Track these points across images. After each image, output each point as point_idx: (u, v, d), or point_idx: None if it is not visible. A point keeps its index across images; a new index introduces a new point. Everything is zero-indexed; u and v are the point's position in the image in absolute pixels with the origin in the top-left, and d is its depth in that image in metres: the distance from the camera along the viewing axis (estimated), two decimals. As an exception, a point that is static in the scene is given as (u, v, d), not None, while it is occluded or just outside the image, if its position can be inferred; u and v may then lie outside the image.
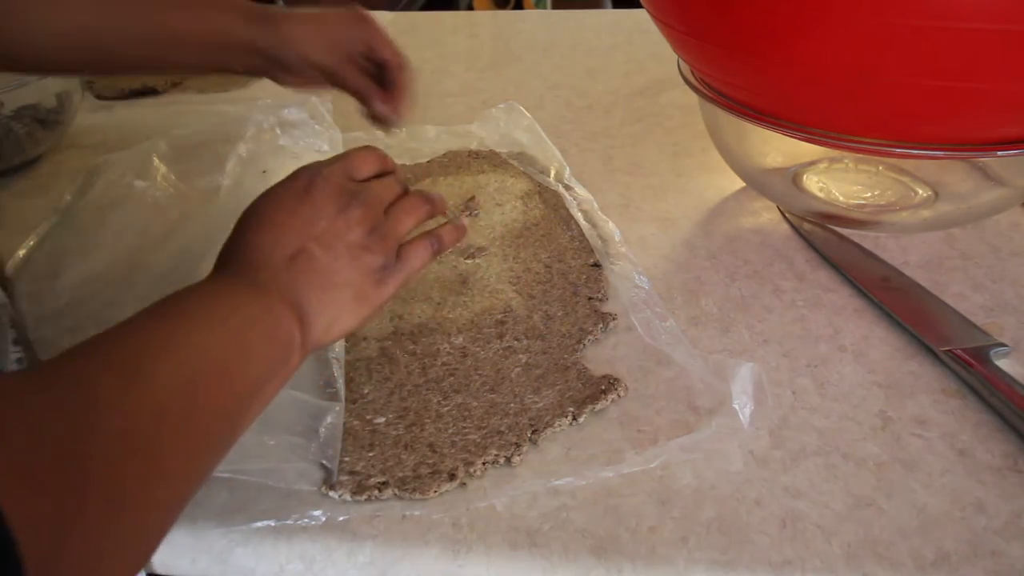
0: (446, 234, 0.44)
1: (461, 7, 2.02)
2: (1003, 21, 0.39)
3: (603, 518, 0.38)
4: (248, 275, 0.36)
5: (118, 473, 0.25)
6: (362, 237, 0.40)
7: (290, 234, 0.38)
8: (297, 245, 0.38)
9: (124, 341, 0.30)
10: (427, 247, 0.43)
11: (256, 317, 0.34)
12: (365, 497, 0.38)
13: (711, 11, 0.48)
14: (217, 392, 0.31)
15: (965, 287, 0.52)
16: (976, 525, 0.37)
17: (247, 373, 0.33)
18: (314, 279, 0.37)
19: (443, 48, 0.98)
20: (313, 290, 0.37)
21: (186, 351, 0.30)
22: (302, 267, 0.37)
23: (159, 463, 0.27)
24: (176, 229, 0.62)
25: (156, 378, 0.28)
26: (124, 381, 0.27)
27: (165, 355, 0.29)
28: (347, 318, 0.38)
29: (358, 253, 0.39)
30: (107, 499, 0.24)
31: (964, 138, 0.48)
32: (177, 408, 0.28)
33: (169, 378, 0.29)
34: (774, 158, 0.62)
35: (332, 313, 0.38)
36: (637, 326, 0.48)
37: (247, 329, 0.34)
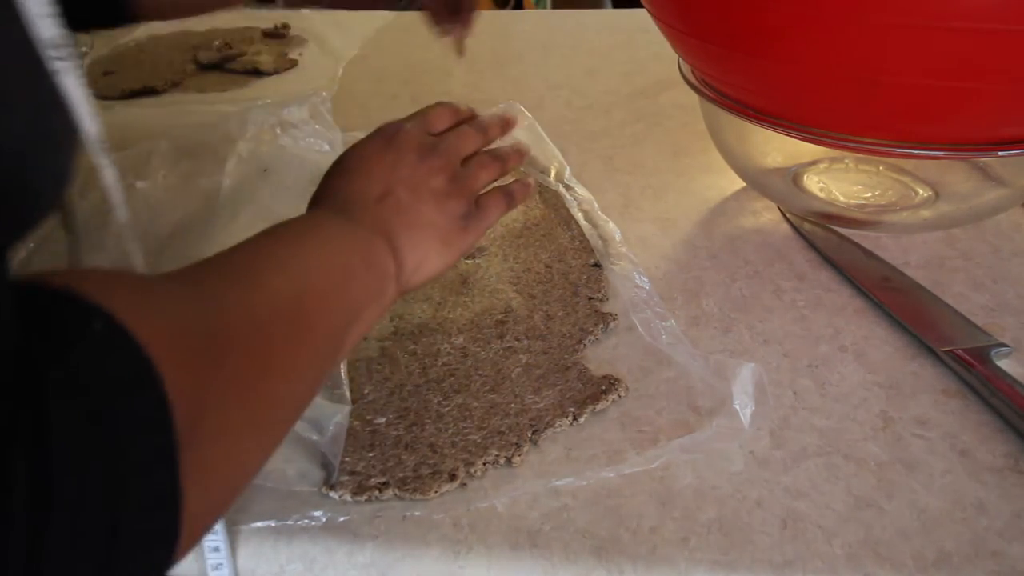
0: (518, 190, 0.46)
1: (461, 7, 2.02)
2: (1003, 21, 0.39)
3: (604, 518, 0.38)
4: (342, 211, 0.38)
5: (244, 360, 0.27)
6: (444, 184, 0.42)
7: (377, 178, 0.40)
8: (384, 187, 0.40)
9: (241, 257, 0.32)
10: (501, 200, 0.44)
11: (354, 244, 0.37)
12: (365, 497, 0.38)
13: (711, 11, 0.48)
14: (323, 306, 0.33)
15: (966, 287, 0.52)
16: (977, 525, 0.37)
17: (349, 293, 0.35)
18: (403, 218, 0.39)
19: (443, 48, 0.98)
20: (403, 228, 0.39)
21: (295, 266, 0.33)
22: (391, 207, 0.39)
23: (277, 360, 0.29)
24: (177, 229, 0.62)
25: (272, 287, 0.30)
26: (245, 286, 0.30)
27: (279, 269, 0.32)
28: (434, 259, 0.40)
29: (441, 198, 0.41)
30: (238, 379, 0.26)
31: (964, 138, 0.48)
32: (291, 313, 0.30)
33: (283, 287, 0.31)
34: (774, 158, 0.62)
35: (420, 252, 0.39)
36: (637, 326, 0.48)
37: (348, 253, 0.36)
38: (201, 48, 0.97)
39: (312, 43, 1.00)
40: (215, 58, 0.94)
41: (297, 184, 0.66)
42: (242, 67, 0.92)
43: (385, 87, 0.87)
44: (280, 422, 0.30)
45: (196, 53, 0.96)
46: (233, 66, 0.93)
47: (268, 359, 0.28)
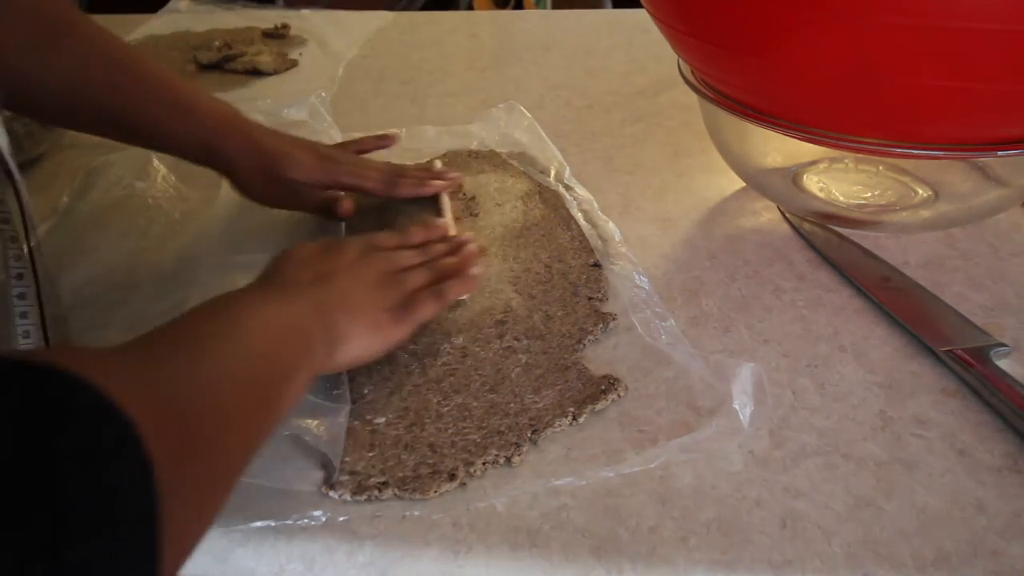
0: (451, 289, 0.47)
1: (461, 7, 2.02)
2: (1003, 21, 0.39)
3: (603, 518, 0.38)
4: (280, 291, 0.41)
5: (202, 421, 0.30)
6: (379, 276, 0.45)
7: (315, 265, 0.43)
8: (322, 271, 0.43)
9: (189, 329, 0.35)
10: (435, 299, 0.46)
11: (290, 315, 0.39)
12: (365, 497, 0.38)
13: (711, 11, 0.48)
14: (262, 370, 0.35)
15: (965, 287, 0.52)
16: (976, 525, 0.37)
17: (282, 359, 0.37)
18: (336, 300, 0.42)
19: (443, 48, 0.98)
20: (334, 308, 0.41)
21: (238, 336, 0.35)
22: (326, 289, 0.42)
23: (227, 419, 0.32)
24: (177, 230, 0.62)
25: (220, 355, 0.33)
26: (196, 355, 0.32)
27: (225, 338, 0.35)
28: (363, 342, 0.42)
29: (376, 287, 0.44)
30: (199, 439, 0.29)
31: (964, 138, 0.48)
32: (237, 377, 0.33)
33: (229, 354, 0.34)
34: (774, 158, 0.62)
35: (349, 333, 0.41)
36: (637, 326, 0.48)
37: (284, 324, 0.38)
38: (201, 48, 0.97)
39: (312, 43, 1.01)
40: (215, 58, 0.94)
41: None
42: (242, 67, 0.92)
43: (385, 87, 0.87)
44: (232, 474, 0.32)
45: (196, 53, 0.96)
46: (233, 66, 0.93)
47: (220, 419, 0.31)
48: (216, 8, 1.13)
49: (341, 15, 1.09)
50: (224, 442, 0.31)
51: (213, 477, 0.30)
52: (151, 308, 0.53)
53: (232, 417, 0.32)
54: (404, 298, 0.45)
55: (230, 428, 0.32)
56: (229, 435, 0.32)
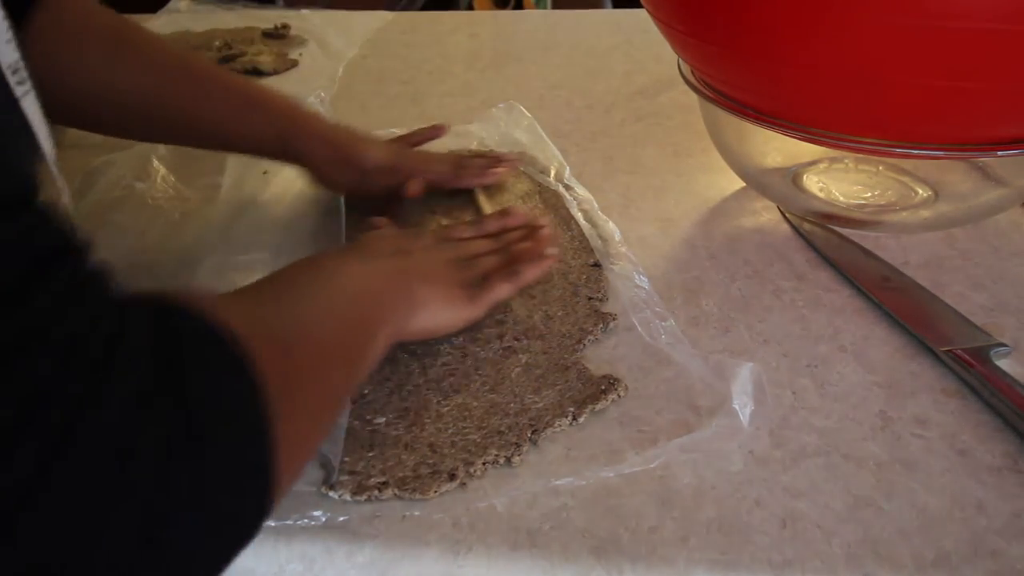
0: (526, 271, 0.49)
1: (461, 7, 2.02)
2: (1003, 21, 0.39)
3: (603, 518, 0.38)
4: (362, 253, 0.44)
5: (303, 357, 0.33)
6: (455, 257, 0.48)
7: (394, 243, 0.46)
8: (401, 247, 0.46)
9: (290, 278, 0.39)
10: (510, 280, 0.48)
11: (375, 275, 0.42)
12: (365, 497, 0.38)
13: (711, 11, 0.48)
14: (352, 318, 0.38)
15: (965, 287, 0.52)
16: (976, 525, 0.37)
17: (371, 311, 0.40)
18: (414, 268, 0.44)
19: (443, 48, 0.98)
20: (413, 276, 0.44)
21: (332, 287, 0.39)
22: (406, 261, 0.44)
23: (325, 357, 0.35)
24: (177, 230, 0.62)
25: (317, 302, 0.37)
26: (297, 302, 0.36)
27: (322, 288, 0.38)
28: (437, 314, 0.44)
29: (452, 266, 0.47)
30: (301, 370, 0.32)
31: (964, 138, 0.48)
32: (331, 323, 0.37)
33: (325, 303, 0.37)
34: (774, 158, 0.62)
35: (426, 301, 0.43)
36: (637, 326, 0.48)
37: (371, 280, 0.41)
38: (201, 48, 0.97)
39: (312, 43, 1.00)
40: (215, 58, 0.94)
41: (297, 185, 0.66)
42: (242, 67, 0.92)
43: (385, 87, 0.87)
44: (330, 408, 0.35)
45: (196, 53, 0.96)
46: (233, 66, 0.93)
47: (319, 355, 0.34)
48: (216, 8, 1.13)
49: (341, 15, 1.09)
50: (323, 376, 0.34)
51: (315, 407, 0.33)
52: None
53: (331, 352, 0.35)
54: (478, 278, 0.47)
55: (328, 365, 0.35)
56: (327, 371, 0.35)
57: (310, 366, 0.33)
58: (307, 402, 0.32)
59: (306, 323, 0.35)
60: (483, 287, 0.46)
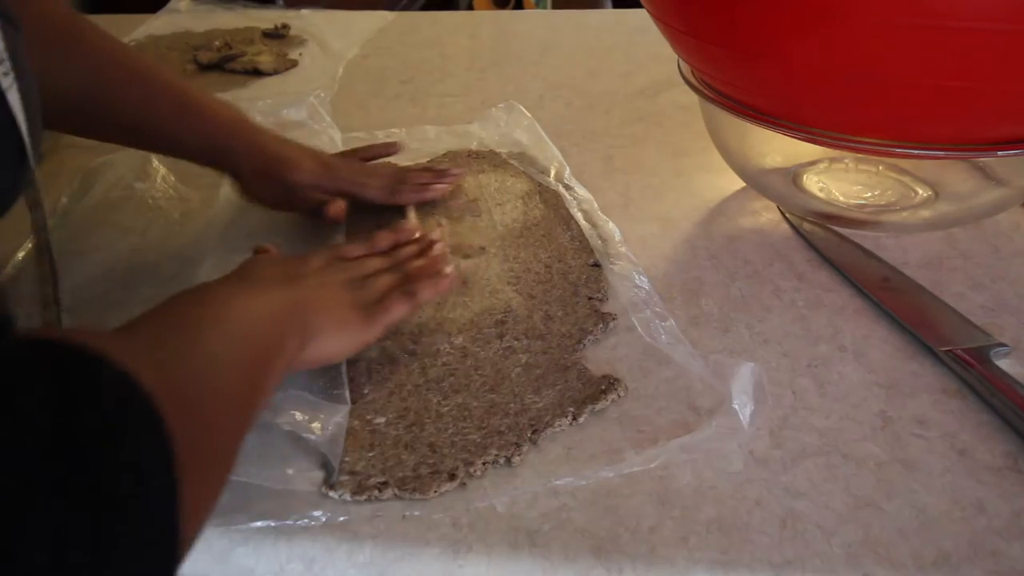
0: (422, 289, 0.47)
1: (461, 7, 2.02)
2: (1003, 21, 0.39)
3: (603, 518, 0.38)
4: (250, 283, 0.41)
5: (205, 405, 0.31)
6: (348, 279, 0.46)
7: (283, 268, 0.44)
8: (289, 273, 0.44)
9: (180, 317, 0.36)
10: (405, 299, 0.46)
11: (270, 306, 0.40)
12: (365, 497, 0.38)
13: (711, 11, 0.48)
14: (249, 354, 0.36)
15: (965, 287, 0.52)
16: (976, 525, 0.37)
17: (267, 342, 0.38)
18: (304, 295, 0.42)
19: (443, 48, 0.98)
20: (303, 304, 0.41)
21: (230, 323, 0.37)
22: (293, 286, 0.42)
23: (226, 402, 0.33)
24: (176, 230, 0.62)
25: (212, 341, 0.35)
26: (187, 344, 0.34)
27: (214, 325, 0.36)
28: (332, 340, 0.42)
29: (345, 289, 0.45)
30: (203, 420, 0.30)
31: (964, 138, 0.48)
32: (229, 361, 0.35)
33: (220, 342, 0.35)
34: (774, 158, 0.62)
35: (319, 329, 0.42)
36: (637, 326, 0.48)
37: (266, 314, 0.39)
38: (201, 48, 0.97)
39: (312, 43, 1.01)
40: (215, 58, 0.94)
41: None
42: (242, 67, 0.92)
43: (385, 87, 0.87)
44: (231, 455, 0.33)
45: (196, 53, 0.96)
46: (233, 66, 0.93)
47: (219, 399, 0.33)
48: (216, 8, 1.13)
49: (341, 15, 1.09)
50: (224, 421, 0.33)
51: (217, 456, 0.31)
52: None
53: (228, 398, 0.33)
54: (373, 299, 0.45)
55: (227, 408, 0.33)
56: (227, 415, 0.33)
57: (209, 410, 0.32)
58: (211, 456, 0.31)
59: (202, 371, 0.33)
60: (378, 307, 0.45)
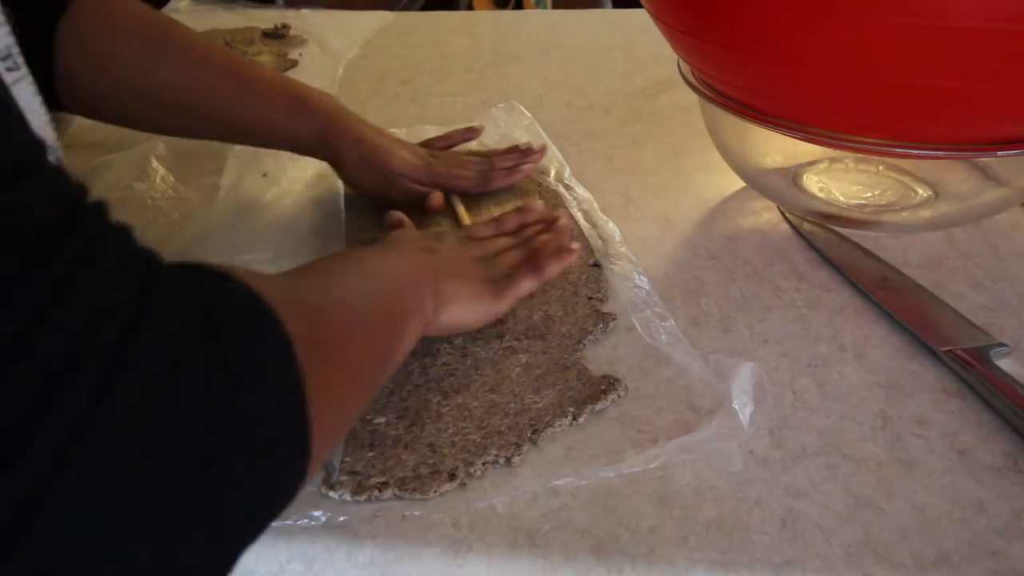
0: (548, 263, 0.49)
1: (461, 7, 2.02)
2: (1003, 21, 0.39)
3: (603, 518, 0.38)
4: (392, 248, 0.46)
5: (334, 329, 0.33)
6: (479, 255, 0.49)
7: (420, 242, 0.48)
8: (431, 246, 0.47)
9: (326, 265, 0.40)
10: (534, 273, 0.49)
11: (406, 267, 0.43)
12: (365, 497, 0.38)
13: (711, 11, 0.48)
14: (383, 305, 0.39)
15: (965, 287, 0.52)
16: (976, 525, 0.37)
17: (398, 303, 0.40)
18: (441, 266, 0.45)
19: (443, 48, 0.98)
20: (441, 271, 0.44)
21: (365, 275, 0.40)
22: (433, 257, 0.46)
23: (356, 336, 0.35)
24: (176, 231, 0.62)
25: (349, 286, 0.37)
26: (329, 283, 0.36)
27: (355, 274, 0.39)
28: (464, 308, 0.45)
29: (477, 263, 0.48)
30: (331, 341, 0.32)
31: (964, 138, 0.48)
32: (362, 306, 0.37)
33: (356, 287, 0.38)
34: (774, 158, 0.62)
35: (454, 296, 0.44)
36: (637, 326, 0.48)
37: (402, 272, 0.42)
38: (201, 48, 0.97)
39: (312, 43, 1.00)
40: (215, 58, 0.93)
41: (296, 187, 0.66)
42: (242, 67, 0.92)
43: (385, 87, 0.87)
44: (361, 385, 0.35)
45: (196, 53, 0.95)
46: (233, 66, 0.93)
47: (351, 324, 0.35)
48: (216, 8, 1.13)
49: (341, 15, 1.09)
50: (355, 343, 0.34)
51: (346, 377, 0.33)
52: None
53: (361, 326, 0.36)
54: (502, 274, 0.48)
55: (360, 333, 0.35)
56: (359, 339, 0.35)
57: (342, 331, 0.34)
58: (338, 365, 0.32)
59: (338, 295, 0.35)
60: (507, 282, 0.47)
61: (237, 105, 0.56)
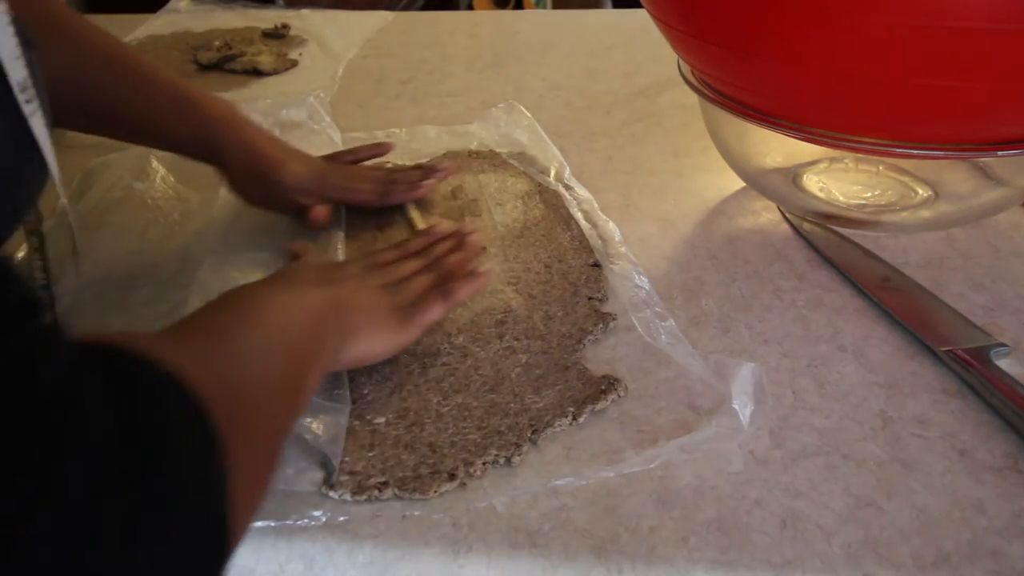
0: (459, 289, 0.47)
1: (461, 7, 2.02)
2: (1002, 21, 0.39)
3: (603, 518, 0.38)
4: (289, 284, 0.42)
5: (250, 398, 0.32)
6: (383, 283, 0.46)
7: (321, 273, 0.44)
8: (328, 277, 0.44)
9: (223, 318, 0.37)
10: (443, 299, 0.46)
11: (311, 307, 0.40)
12: (365, 497, 0.38)
13: (711, 11, 0.48)
14: (291, 354, 0.37)
15: (965, 287, 0.52)
16: (976, 525, 0.37)
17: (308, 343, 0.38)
18: (343, 297, 0.42)
19: (443, 48, 0.98)
20: (343, 305, 0.42)
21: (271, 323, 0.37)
22: (333, 287, 0.43)
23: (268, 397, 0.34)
24: (176, 231, 0.62)
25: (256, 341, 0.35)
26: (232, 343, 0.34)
27: (256, 326, 0.36)
28: (371, 342, 0.43)
29: (382, 292, 0.45)
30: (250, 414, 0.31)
31: (964, 138, 0.48)
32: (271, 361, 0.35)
33: (263, 341, 0.36)
34: (774, 158, 0.62)
35: (358, 331, 0.42)
36: (637, 326, 0.48)
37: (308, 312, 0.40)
38: (201, 48, 0.97)
39: (312, 43, 1.00)
40: (215, 58, 0.94)
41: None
42: (242, 67, 0.92)
43: (385, 87, 0.87)
44: (276, 447, 0.34)
45: (196, 53, 0.96)
46: (233, 66, 0.93)
47: (264, 396, 0.33)
48: (216, 8, 1.13)
49: (341, 15, 1.09)
50: (269, 418, 0.33)
51: (263, 451, 0.32)
52: (150, 309, 0.52)
53: (271, 394, 0.34)
54: (410, 301, 0.46)
55: (272, 405, 0.34)
56: (272, 412, 0.33)
57: (255, 407, 0.32)
58: (256, 445, 0.31)
59: (247, 363, 0.33)
60: (415, 309, 0.45)
61: (121, 102, 0.53)
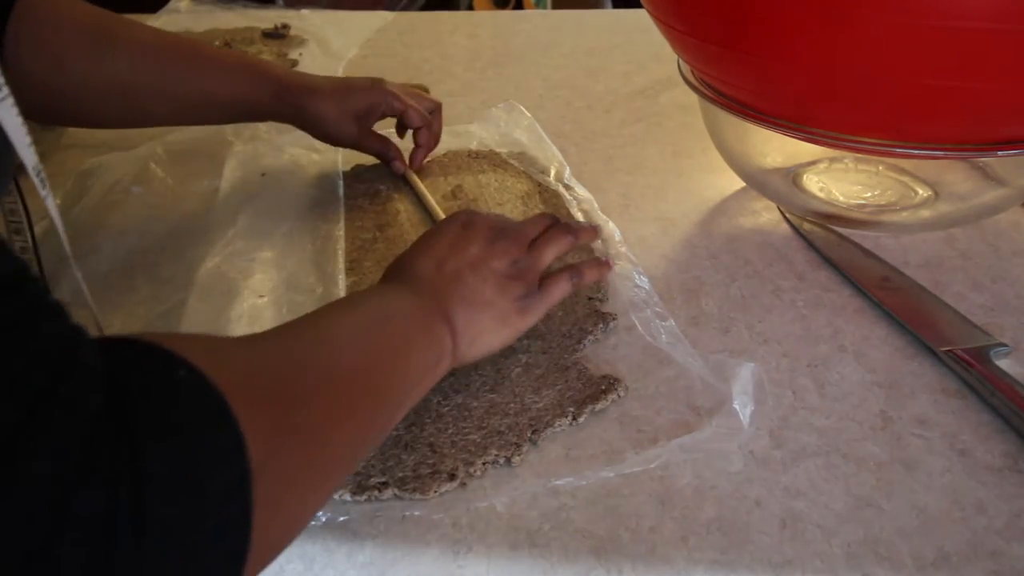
0: (588, 270, 0.47)
1: (461, 7, 2.02)
2: (1003, 21, 0.39)
3: (603, 518, 0.38)
4: (410, 286, 0.42)
5: (314, 410, 0.30)
6: (507, 266, 0.45)
7: (447, 259, 0.44)
8: (452, 268, 0.43)
9: (317, 323, 0.36)
10: (567, 281, 0.46)
11: (417, 318, 0.40)
12: (365, 497, 0.38)
13: (711, 11, 0.48)
14: (386, 371, 0.36)
15: (965, 287, 0.52)
16: (976, 525, 0.37)
17: (409, 361, 0.38)
18: (463, 297, 0.42)
19: (443, 48, 0.98)
20: (461, 305, 0.42)
21: (365, 336, 0.36)
22: (453, 286, 0.42)
23: (343, 414, 0.32)
24: (175, 232, 0.62)
25: (343, 351, 0.34)
26: (318, 348, 0.33)
27: (351, 337, 0.35)
28: (489, 336, 0.43)
29: (503, 281, 0.44)
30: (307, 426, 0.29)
31: (964, 138, 0.48)
32: (358, 375, 0.34)
33: (353, 352, 0.34)
34: (774, 158, 0.62)
35: (476, 329, 0.42)
36: (637, 326, 0.48)
37: (411, 327, 0.39)
38: (201, 48, 0.97)
39: (312, 43, 1.00)
40: (215, 58, 0.93)
41: (295, 187, 0.66)
42: (242, 67, 0.92)
43: (385, 87, 0.87)
44: (340, 470, 0.33)
45: (196, 53, 0.95)
46: (233, 66, 0.92)
47: (335, 412, 0.31)
48: (216, 8, 1.13)
49: (341, 15, 1.09)
50: (335, 437, 0.31)
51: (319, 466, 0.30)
52: (150, 310, 0.52)
53: (348, 415, 0.32)
54: (531, 286, 0.45)
55: (343, 425, 0.32)
56: (341, 431, 0.32)
57: (322, 407, 0.30)
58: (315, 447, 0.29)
59: (318, 360, 0.32)
60: (539, 292, 0.45)
61: (190, 81, 0.56)
